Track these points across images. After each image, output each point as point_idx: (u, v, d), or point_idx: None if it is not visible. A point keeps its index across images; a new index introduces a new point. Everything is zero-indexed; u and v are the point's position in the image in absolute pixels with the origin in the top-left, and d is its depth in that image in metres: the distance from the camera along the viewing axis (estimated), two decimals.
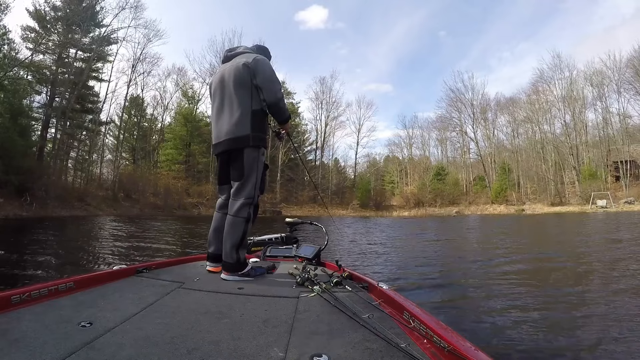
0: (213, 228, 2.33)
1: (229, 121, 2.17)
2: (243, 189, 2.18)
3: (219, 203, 2.39)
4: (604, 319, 3.29)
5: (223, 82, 2.23)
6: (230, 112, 2.18)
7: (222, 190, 2.38)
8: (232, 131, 2.16)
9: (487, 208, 44.06)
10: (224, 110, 2.22)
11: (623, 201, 36.30)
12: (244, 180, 2.18)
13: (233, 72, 2.18)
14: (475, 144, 53.67)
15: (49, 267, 5.54)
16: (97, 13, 35.68)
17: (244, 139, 2.15)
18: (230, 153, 2.21)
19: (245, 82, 2.16)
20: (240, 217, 2.15)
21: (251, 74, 2.15)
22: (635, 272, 5.50)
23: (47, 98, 32.07)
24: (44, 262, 6.00)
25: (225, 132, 2.18)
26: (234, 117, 2.16)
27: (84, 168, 35.49)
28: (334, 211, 41.55)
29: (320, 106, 51.86)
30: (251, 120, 2.16)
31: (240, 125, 2.15)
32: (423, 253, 8.40)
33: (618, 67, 42.61)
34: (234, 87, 2.17)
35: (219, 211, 2.35)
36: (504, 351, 2.61)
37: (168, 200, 33.91)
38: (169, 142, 41.97)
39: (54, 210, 24.94)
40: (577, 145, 45.13)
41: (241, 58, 2.23)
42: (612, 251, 8.08)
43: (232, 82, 2.17)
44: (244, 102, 2.16)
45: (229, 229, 2.14)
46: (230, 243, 2.10)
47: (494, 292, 4.48)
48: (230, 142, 2.17)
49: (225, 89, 2.22)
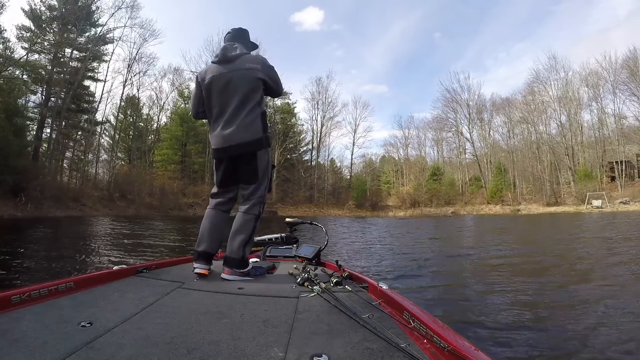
0: (209, 226, 2.27)
1: (239, 126, 2.15)
2: (257, 191, 2.22)
3: (216, 201, 2.34)
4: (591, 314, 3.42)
5: (230, 86, 2.19)
6: (240, 117, 2.16)
7: (224, 194, 2.34)
8: (244, 136, 2.15)
9: (482, 208, 44.24)
10: (229, 115, 2.18)
11: (618, 201, 36.49)
12: (259, 182, 2.22)
13: (243, 79, 2.18)
14: (471, 144, 53.93)
15: (41, 270, 5.49)
16: (93, 12, 35.60)
17: (258, 142, 2.18)
18: (241, 156, 2.20)
19: (257, 88, 2.19)
20: (252, 214, 2.18)
21: (262, 79, 2.20)
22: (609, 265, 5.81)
23: (43, 98, 32.00)
24: (35, 264, 5.98)
25: (237, 137, 2.15)
26: (246, 121, 2.15)
27: (80, 168, 35.42)
28: (330, 211, 41.78)
29: (316, 106, 52.03)
30: (262, 122, 2.21)
31: (253, 129, 2.17)
32: (414, 250, 8.57)
33: (614, 68, 42.97)
34: (247, 92, 2.17)
35: (216, 208, 2.32)
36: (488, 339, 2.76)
37: (164, 200, 33.86)
38: (165, 142, 41.88)
39: (49, 211, 24.86)
40: (573, 146, 45.41)
41: (248, 62, 2.22)
42: (597, 248, 8.26)
43: (245, 87, 2.17)
44: (255, 107, 2.18)
45: (240, 226, 2.16)
46: (240, 239, 2.12)
47: (480, 285, 4.76)
48: (244, 146, 2.16)
49: (234, 93, 2.18)
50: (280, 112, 48.51)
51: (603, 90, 44.19)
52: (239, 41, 2.33)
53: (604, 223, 16.90)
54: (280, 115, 48.53)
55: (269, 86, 2.26)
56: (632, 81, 41.00)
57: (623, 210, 32.03)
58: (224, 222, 2.32)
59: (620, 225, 15.33)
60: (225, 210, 2.32)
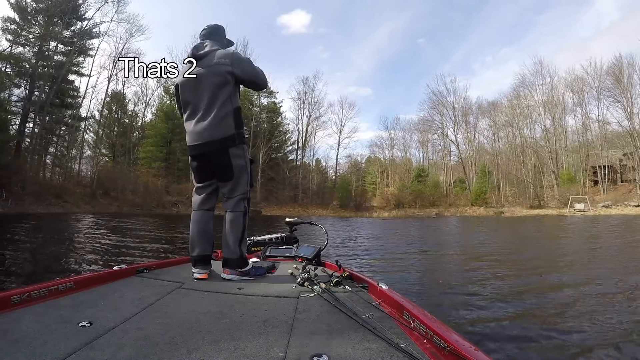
0: (198, 229, 2.24)
1: (211, 123, 2.13)
2: (236, 187, 2.21)
3: (199, 200, 2.31)
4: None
5: (199, 84, 2.16)
6: (211, 113, 2.13)
7: (203, 189, 2.31)
8: (215, 133, 2.12)
9: (466, 210, 44.76)
10: (202, 112, 2.15)
11: (601, 205, 37.16)
12: (235, 179, 2.20)
13: (211, 74, 2.14)
14: (456, 146, 54.51)
15: (20, 274, 5.17)
16: (80, 6, 35.14)
17: (229, 139, 2.15)
18: (213, 153, 2.18)
19: (226, 83, 2.15)
20: (238, 211, 2.18)
21: (231, 73, 2.15)
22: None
23: (26, 92, 31.67)
24: (16, 264, 5.85)
25: (208, 134, 2.13)
26: (216, 118, 2.12)
27: (63, 164, 35.23)
28: (314, 211, 41.99)
29: (302, 106, 52.04)
30: (234, 119, 2.18)
31: (224, 126, 2.14)
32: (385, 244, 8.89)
33: (598, 75, 43.40)
34: (215, 89, 2.13)
35: (200, 209, 2.29)
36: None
37: (147, 198, 33.77)
38: (150, 139, 41.38)
39: (30, 207, 24.89)
40: (557, 150, 46.00)
41: (217, 57, 2.18)
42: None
43: (212, 84, 2.13)
44: (226, 102, 2.15)
45: (229, 225, 2.15)
46: (233, 238, 2.12)
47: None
48: (215, 144, 2.14)
49: (203, 91, 2.15)
50: (266, 111, 48.34)
51: (587, 96, 44.83)
52: (213, 38, 2.32)
53: (586, 225, 17.91)
54: (266, 114, 48.36)
55: (242, 79, 2.22)
56: (616, 87, 41.53)
57: (605, 214, 32.71)
58: (210, 220, 2.31)
59: (601, 227, 16.44)
60: (209, 208, 2.30)
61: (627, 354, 2.57)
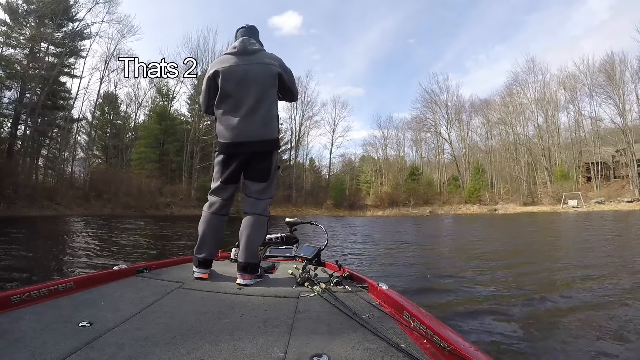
0: (210, 232, 2.14)
1: (260, 122, 2.08)
2: (268, 189, 2.18)
3: (218, 204, 2.18)
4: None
5: (245, 79, 2.08)
6: (259, 112, 2.08)
7: (225, 191, 2.20)
8: (264, 134, 2.09)
9: (460, 208, 45.00)
10: (248, 109, 2.07)
11: (594, 201, 37.63)
12: (270, 181, 2.17)
13: (262, 73, 2.11)
14: (449, 144, 54.63)
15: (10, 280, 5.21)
16: (71, 7, 34.86)
17: (274, 142, 2.15)
18: (256, 154, 2.12)
19: (274, 84, 2.13)
20: (265, 216, 2.15)
21: (280, 76, 2.15)
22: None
23: (17, 94, 31.27)
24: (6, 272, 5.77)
25: (256, 134, 2.07)
26: (265, 118, 2.09)
27: (55, 166, 34.87)
28: (308, 211, 42.05)
29: (295, 105, 51.68)
30: (276, 124, 2.19)
31: (270, 128, 2.12)
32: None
33: (591, 72, 43.73)
34: (265, 86, 2.10)
35: (218, 213, 2.17)
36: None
37: (140, 199, 33.56)
38: (143, 141, 41.16)
39: (22, 210, 24.69)
40: (550, 147, 46.32)
41: (266, 57, 2.15)
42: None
43: (263, 81, 2.10)
44: (273, 105, 2.14)
45: (255, 229, 2.09)
46: (258, 243, 2.09)
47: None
48: (263, 144, 2.10)
49: (249, 87, 2.08)
50: None
51: (580, 93, 45.18)
52: (254, 37, 2.28)
53: (579, 220, 18.49)
54: None
55: (285, 86, 2.20)
56: (608, 84, 41.86)
57: (598, 210, 33.37)
58: (224, 226, 2.23)
59: (595, 222, 17.13)
60: (224, 213, 2.20)
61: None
